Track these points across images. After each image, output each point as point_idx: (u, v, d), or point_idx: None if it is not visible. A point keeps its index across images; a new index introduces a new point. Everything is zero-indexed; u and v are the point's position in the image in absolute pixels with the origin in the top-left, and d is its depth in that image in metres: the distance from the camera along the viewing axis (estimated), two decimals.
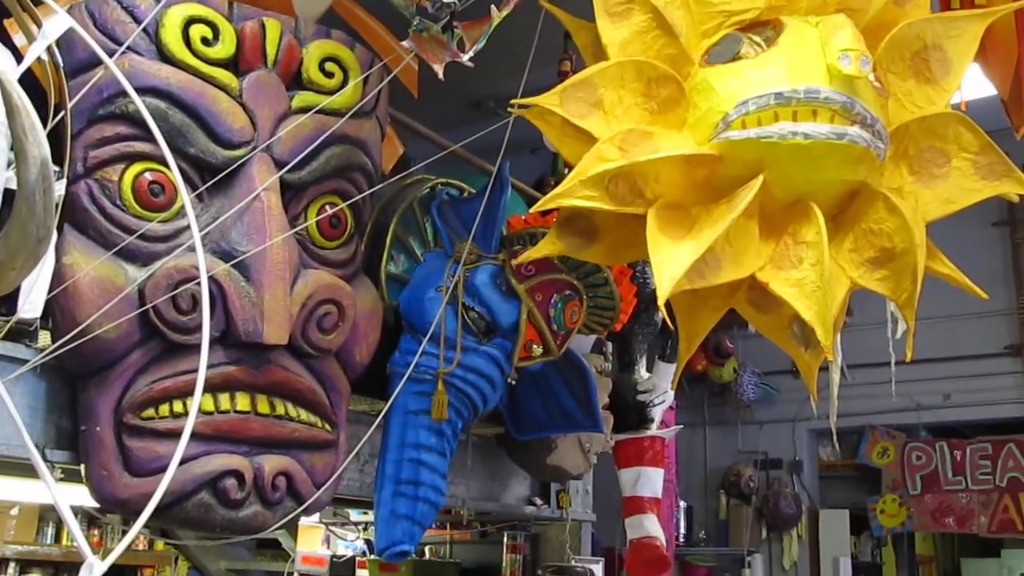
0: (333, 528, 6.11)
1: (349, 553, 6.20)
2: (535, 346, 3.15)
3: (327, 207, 2.84)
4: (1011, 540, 10.20)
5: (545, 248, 2.45)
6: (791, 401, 8.28)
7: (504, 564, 5.34)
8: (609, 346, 4.21)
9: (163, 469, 1.95)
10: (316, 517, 5.65)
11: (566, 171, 2.28)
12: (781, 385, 8.49)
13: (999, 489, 7.70)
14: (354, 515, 5.68)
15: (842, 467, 8.85)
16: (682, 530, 8.57)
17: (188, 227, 2.50)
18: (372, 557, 5.92)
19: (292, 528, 6.06)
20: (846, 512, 8.57)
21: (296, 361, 2.74)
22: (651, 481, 4.01)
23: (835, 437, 4.52)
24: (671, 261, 2.13)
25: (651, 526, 3.96)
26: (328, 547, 6.30)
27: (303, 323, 2.70)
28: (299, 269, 2.72)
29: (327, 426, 2.82)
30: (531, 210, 2.35)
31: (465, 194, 3.49)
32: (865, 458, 8.33)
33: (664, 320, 3.80)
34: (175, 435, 2.28)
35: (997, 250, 8.11)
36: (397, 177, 3.16)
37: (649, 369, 4.14)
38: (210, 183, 2.60)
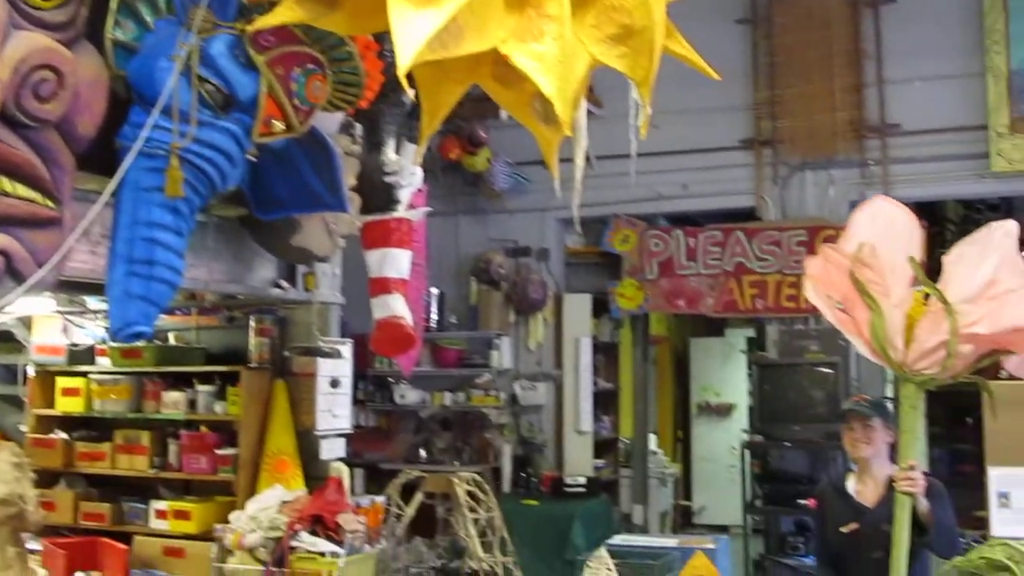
0: (70, 317, 5.89)
1: (88, 341, 6.02)
2: (276, 122, 3.03)
3: None
4: (734, 320, 11.10)
5: (283, 14, 2.31)
6: (541, 191, 8.49)
7: (251, 347, 5.33)
8: (357, 127, 4.12)
9: None
10: (52, 306, 5.42)
11: None
12: (532, 175, 8.68)
13: (726, 273, 8.26)
14: (92, 302, 5.48)
15: (586, 254, 9.23)
16: (434, 315, 8.80)
17: None
18: (113, 344, 5.77)
19: (26, 318, 5.80)
20: (588, 296, 9.03)
21: (10, 132, 2.55)
22: (397, 262, 4.04)
23: (578, 222, 4.62)
24: (412, 29, 2.06)
25: (397, 306, 4.01)
26: (66, 336, 6.08)
27: (16, 90, 2.49)
28: (9, 30, 2.48)
29: (49, 202, 2.66)
30: None
31: None
32: (608, 245, 8.71)
33: (414, 102, 3.74)
34: None
35: (738, 47, 8.43)
36: None
37: (398, 151, 4.09)
38: None
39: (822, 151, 8.04)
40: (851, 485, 4.12)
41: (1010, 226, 2.34)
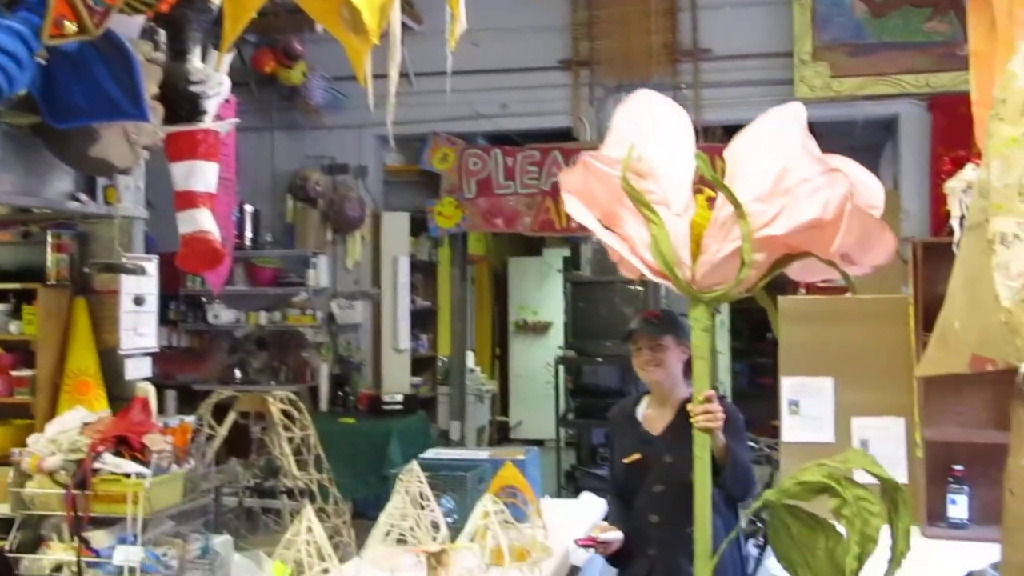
0: None
1: None
2: (68, 23, 2.84)
3: None
4: (551, 240, 11.30)
5: None
6: (359, 107, 8.32)
7: (49, 264, 5.09)
8: (161, 33, 3.92)
9: None
10: None
11: None
12: (350, 91, 8.52)
13: (543, 192, 8.34)
14: None
15: (405, 172, 9.16)
16: (248, 233, 8.59)
17: None
18: None
19: None
20: (407, 215, 8.99)
21: None
22: (204, 175, 3.88)
23: (392, 137, 4.55)
24: None
25: (204, 220, 3.87)
26: None
27: None
28: None
29: None
30: None
31: None
32: (427, 163, 8.65)
33: (222, 8, 3.58)
34: None
35: None
36: None
37: (204, 59, 3.91)
38: None
39: (637, 73, 8.17)
40: (641, 410, 3.71)
41: (795, 108, 2.02)
